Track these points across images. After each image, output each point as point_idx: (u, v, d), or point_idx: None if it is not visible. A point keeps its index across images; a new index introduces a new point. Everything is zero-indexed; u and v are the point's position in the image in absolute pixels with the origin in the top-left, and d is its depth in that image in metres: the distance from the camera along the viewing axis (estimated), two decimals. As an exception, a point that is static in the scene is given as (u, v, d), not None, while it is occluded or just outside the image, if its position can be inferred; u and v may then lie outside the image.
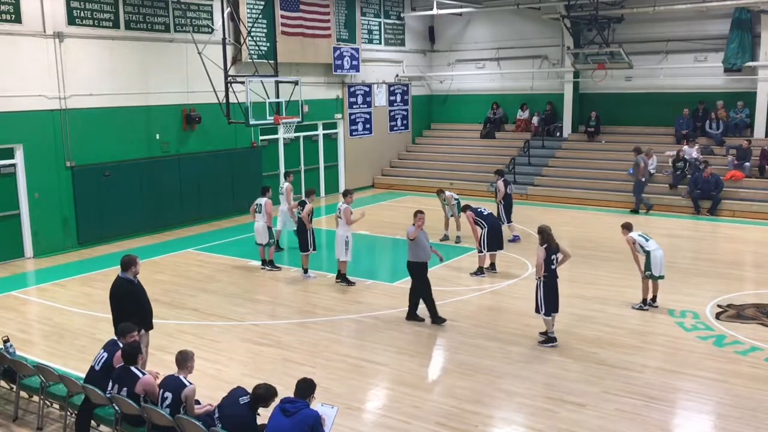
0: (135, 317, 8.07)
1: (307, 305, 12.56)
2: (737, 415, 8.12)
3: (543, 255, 10.10)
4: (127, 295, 8.38)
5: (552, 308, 10.25)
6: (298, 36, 21.34)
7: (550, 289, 10.20)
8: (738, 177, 20.07)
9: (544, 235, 10.14)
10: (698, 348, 10.15)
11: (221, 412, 6.49)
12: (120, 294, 8.41)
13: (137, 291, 8.49)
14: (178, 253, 16.14)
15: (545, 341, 10.32)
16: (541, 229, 10.26)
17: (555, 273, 10.28)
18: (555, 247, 10.18)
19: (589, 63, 22.41)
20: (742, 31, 21.15)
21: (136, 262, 8.51)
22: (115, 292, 8.47)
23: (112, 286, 8.54)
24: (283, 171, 20.79)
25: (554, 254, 10.17)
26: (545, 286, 10.18)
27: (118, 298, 8.42)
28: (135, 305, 8.36)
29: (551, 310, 10.25)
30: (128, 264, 8.47)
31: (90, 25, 16.48)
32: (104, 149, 16.91)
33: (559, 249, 10.26)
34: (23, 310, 12.40)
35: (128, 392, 6.86)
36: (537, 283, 10.27)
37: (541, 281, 10.17)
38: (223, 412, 6.48)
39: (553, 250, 10.16)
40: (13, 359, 8.18)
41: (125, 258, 8.55)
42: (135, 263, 8.49)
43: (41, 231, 15.92)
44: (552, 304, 10.24)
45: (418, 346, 10.45)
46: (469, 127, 26.77)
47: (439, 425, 7.96)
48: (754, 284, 13.66)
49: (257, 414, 6.49)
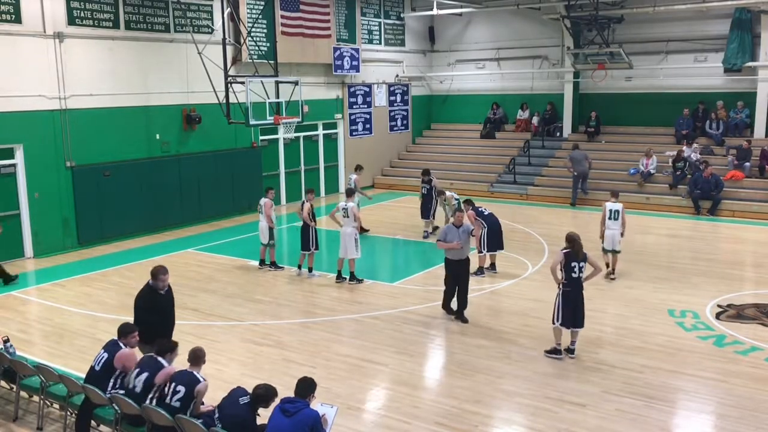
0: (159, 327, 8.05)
1: (307, 305, 12.56)
2: (737, 415, 8.12)
3: (558, 259, 9.57)
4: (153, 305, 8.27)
5: (568, 321, 9.63)
6: (298, 36, 21.34)
7: (568, 300, 9.62)
8: (738, 177, 20.07)
9: (571, 243, 9.58)
10: (698, 348, 10.15)
11: (221, 412, 6.49)
12: (142, 303, 8.34)
13: (162, 301, 8.34)
14: (178, 253, 16.14)
15: (551, 351, 9.84)
16: (568, 236, 9.72)
17: (578, 284, 9.64)
18: (581, 257, 9.59)
19: (589, 63, 22.41)
20: (742, 31, 21.16)
21: (159, 272, 8.27)
22: (138, 301, 8.42)
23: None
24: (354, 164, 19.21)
25: (577, 263, 9.55)
26: (564, 295, 9.62)
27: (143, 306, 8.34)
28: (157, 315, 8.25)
29: (567, 323, 9.65)
30: (155, 274, 8.30)
31: (90, 25, 16.49)
32: (104, 149, 16.91)
33: (586, 260, 9.67)
34: (23, 310, 12.40)
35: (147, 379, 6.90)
36: (557, 291, 9.72)
37: (560, 290, 9.65)
38: (223, 412, 6.48)
39: (577, 258, 9.56)
40: (13, 359, 8.18)
41: (153, 268, 8.39)
42: (160, 274, 8.26)
43: (41, 231, 15.92)
44: (568, 317, 9.61)
45: (418, 346, 10.45)
46: (469, 127, 26.78)
47: (439, 425, 7.96)
48: (754, 284, 13.66)
49: (257, 414, 6.49)
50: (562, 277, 9.60)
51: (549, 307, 11.83)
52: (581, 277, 9.65)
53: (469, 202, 14.45)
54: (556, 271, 9.65)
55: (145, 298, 8.33)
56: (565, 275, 9.58)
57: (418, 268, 14.75)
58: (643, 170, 21.36)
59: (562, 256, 9.58)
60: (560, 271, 9.62)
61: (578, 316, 9.74)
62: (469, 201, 14.50)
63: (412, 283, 13.67)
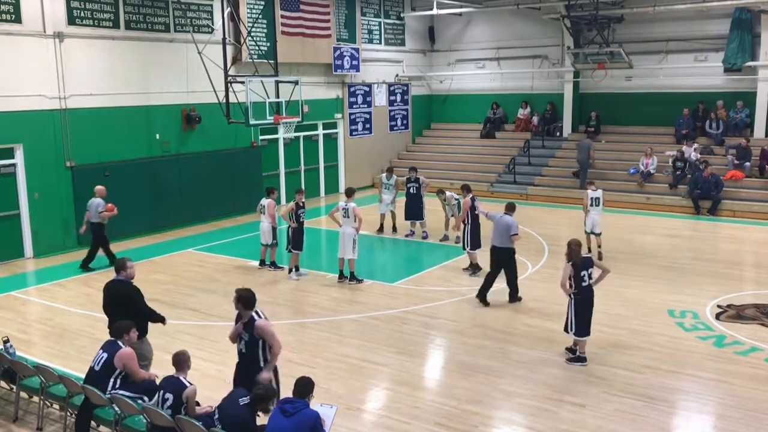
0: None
1: (307, 305, 12.56)
2: (737, 415, 8.12)
3: (568, 272, 9.39)
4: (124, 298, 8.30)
5: (585, 329, 9.50)
6: (298, 36, 21.34)
7: (582, 308, 9.47)
8: (738, 177, 20.07)
9: (569, 250, 9.47)
10: (698, 348, 10.15)
11: (221, 413, 6.49)
12: (112, 296, 8.37)
13: (132, 293, 8.37)
14: (178, 253, 16.14)
15: (574, 359, 9.62)
16: (568, 243, 9.60)
17: (589, 291, 9.49)
18: (585, 263, 9.45)
19: (589, 63, 22.41)
20: (742, 31, 21.15)
21: (126, 265, 8.39)
22: (108, 294, 8.44)
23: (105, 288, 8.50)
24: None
25: (586, 270, 9.43)
26: (576, 304, 9.47)
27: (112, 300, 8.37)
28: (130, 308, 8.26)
29: (585, 332, 9.52)
30: (120, 267, 8.40)
31: (90, 25, 16.49)
32: (104, 149, 16.91)
33: (591, 265, 9.52)
34: (23, 310, 12.40)
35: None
36: (569, 300, 9.57)
37: (572, 299, 9.49)
38: (223, 412, 6.47)
39: (583, 266, 9.43)
40: (13, 360, 8.18)
41: (118, 261, 8.55)
42: (126, 266, 8.37)
43: (41, 231, 15.92)
44: (584, 324, 9.50)
45: (418, 346, 10.45)
46: (469, 126, 26.78)
47: (439, 425, 7.96)
48: (754, 284, 13.66)
49: (257, 415, 6.49)
50: (572, 287, 9.44)
51: (549, 306, 11.93)
52: (591, 284, 9.55)
53: (468, 189, 14.30)
54: (566, 285, 9.45)
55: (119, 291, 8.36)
56: (576, 285, 9.42)
57: (418, 268, 14.74)
58: (643, 170, 21.36)
59: (570, 269, 9.41)
60: (570, 282, 9.44)
61: (589, 322, 9.63)
62: (468, 188, 14.36)
63: (412, 283, 13.68)
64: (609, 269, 9.88)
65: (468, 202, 13.85)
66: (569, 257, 9.47)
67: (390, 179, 17.80)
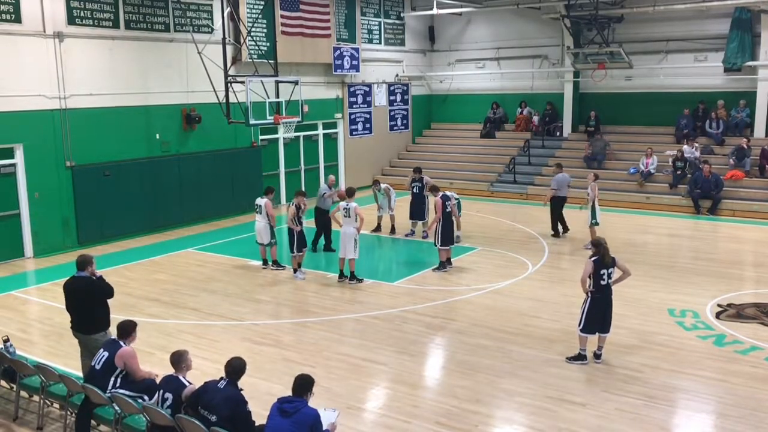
0: None
1: (307, 305, 12.56)
2: (737, 414, 8.12)
3: (590, 269, 9.25)
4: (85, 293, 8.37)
5: (590, 328, 9.43)
6: (298, 36, 21.34)
7: (597, 307, 9.37)
8: (738, 177, 20.07)
9: (599, 249, 9.30)
10: (698, 347, 10.15)
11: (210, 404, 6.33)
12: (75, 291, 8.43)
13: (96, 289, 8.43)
14: (178, 253, 16.14)
15: (574, 357, 9.62)
16: (597, 242, 9.48)
17: (607, 290, 9.39)
18: (608, 262, 9.32)
19: (589, 63, 22.40)
20: (742, 30, 21.15)
21: (91, 261, 8.46)
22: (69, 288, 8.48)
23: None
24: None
25: (606, 269, 9.30)
26: (592, 302, 9.36)
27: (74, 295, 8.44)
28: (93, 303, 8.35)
29: (589, 330, 9.46)
30: (84, 264, 8.42)
31: (90, 25, 16.48)
32: (104, 149, 16.91)
33: (614, 264, 9.38)
34: (23, 310, 12.41)
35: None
36: (585, 297, 9.47)
37: (589, 297, 9.39)
38: (212, 403, 6.31)
39: (606, 265, 9.30)
40: (13, 359, 8.18)
41: (85, 257, 8.52)
42: (90, 263, 8.43)
43: (41, 231, 15.92)
44: (593, 323, 9.40)
45: (418, 346, 10.45)
46: (469, 126, 26.78)
47: (439, 425, 7.96)
48: (754, 284, 13.66)
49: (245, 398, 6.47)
50: (590, 285, 9.34)
51: (549, 306, 11.95)
52: (609, 283, 9.46)
53: (435, 189, 14.55)
54: (586, 282, 9.35)
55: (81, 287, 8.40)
56: (594, 283, 9.31)
57: (418, 268, 14.73)
58: (643, 170, 21.36)
59: (592, 266, 9.27)
60: (589, 280, 9.37)
61: (606, 321, 9.55)
62: (436, 188, 14.61)
63: (412, 283, 13.67)
64: (630, 272, 9.70)
65: (439, 201, 13.92)
66: (597, 256, 9.30)
67: (379, 190, 17.68)
